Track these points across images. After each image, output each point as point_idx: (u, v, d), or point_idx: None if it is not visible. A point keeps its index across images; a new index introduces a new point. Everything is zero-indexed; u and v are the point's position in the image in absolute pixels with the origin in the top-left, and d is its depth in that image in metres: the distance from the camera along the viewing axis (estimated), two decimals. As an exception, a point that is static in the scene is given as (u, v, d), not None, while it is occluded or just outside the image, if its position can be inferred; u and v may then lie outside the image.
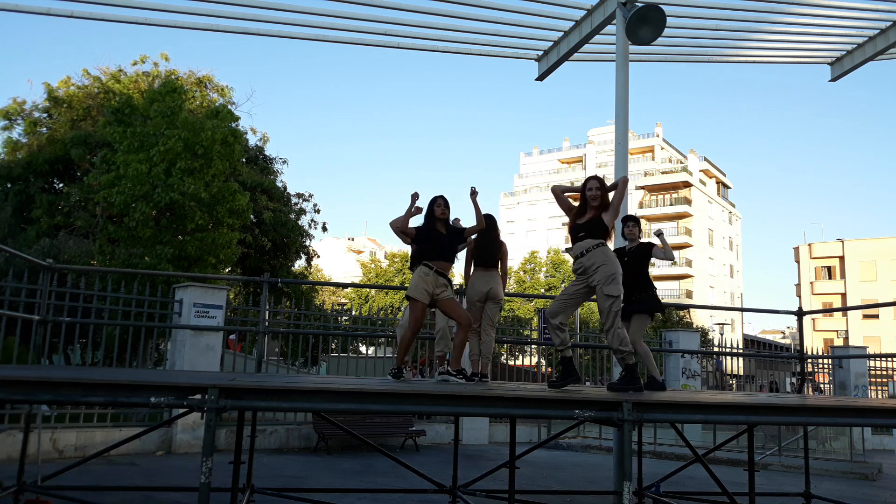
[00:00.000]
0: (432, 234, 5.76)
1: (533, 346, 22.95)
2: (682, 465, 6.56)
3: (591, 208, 5.24)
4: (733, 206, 69.94)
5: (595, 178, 5.41)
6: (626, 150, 7.56)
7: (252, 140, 19.68)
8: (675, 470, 6.48)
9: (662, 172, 64.10)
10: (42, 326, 7.25)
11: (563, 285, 38.45)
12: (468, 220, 6.32)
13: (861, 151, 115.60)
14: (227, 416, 9.76)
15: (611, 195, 5.30)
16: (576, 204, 5.46)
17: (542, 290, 40.25)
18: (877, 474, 9.98)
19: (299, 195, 20.39)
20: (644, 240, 6.61)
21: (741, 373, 18.29)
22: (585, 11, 8.66)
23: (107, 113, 14.74)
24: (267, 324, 9.03)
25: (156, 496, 6.29)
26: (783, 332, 79.09)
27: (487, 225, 6.19)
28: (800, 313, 9.66)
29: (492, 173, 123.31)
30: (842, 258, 56.25)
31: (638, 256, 6.46)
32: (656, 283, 6.69)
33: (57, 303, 8.39)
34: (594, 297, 5.16)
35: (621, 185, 5.45)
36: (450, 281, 5.82)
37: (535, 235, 65.01)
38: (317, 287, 28.74)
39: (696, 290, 59.28)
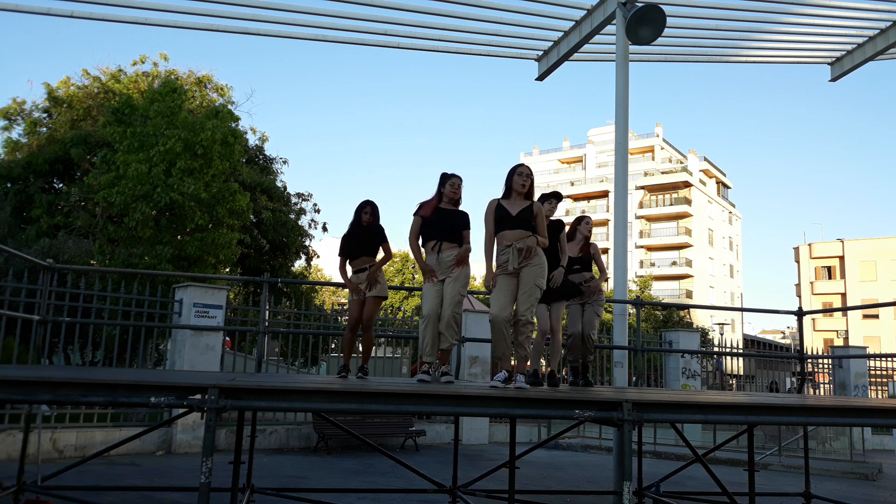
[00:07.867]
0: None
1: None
2: (682, 465, 6.55)
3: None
4: (733, 206, 69.97)
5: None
6: (626, 150, 7.58)
7: (252, 140, 19.70)
8: (675, 470, 6.47)
9: (662, 172, 64.11)
10: (42, 326, 7.25)
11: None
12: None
13: (861, 151, 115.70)
14: (227, 416, 9.76)
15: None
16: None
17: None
18: (877, 474, 9.97)
19: (299, 195, 20.39)
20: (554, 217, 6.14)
21: (741, 373, 18.27)
22: (585, 11, 8.67)
23: (107, 113, 14.73)
24: (267, 324, 9.04)
25: (156, 496, 6.29)
26: (783, 332, 79.12)
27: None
28: (800, 313, 9.67)
29: (492, 173, 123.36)
30: (842, 258, 56.26)
31: (553, 233, 5.87)
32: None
33: (57, 303, 8.38)
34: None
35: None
36: None
37: (535, 235, 64.95)
38: (317, 287, 28.71)
39: (696, 290, 59.28)
